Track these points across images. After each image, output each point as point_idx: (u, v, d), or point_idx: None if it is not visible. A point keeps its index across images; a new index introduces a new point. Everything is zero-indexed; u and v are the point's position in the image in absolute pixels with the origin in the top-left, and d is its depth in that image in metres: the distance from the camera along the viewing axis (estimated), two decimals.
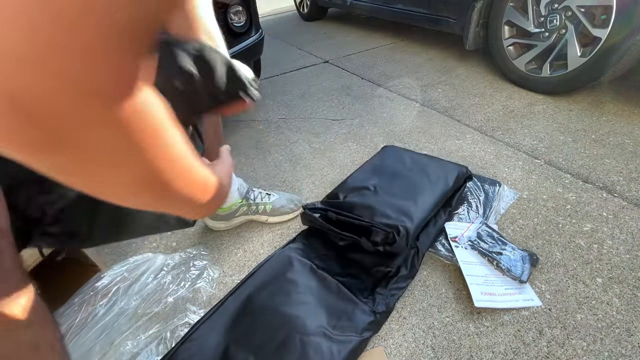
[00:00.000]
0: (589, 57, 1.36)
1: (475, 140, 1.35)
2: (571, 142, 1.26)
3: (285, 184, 1.24)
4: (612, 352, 0.66)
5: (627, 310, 0.73)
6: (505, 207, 1.01)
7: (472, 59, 2.11)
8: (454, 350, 0.70)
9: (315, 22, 3.68)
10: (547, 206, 1.00)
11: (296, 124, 1.62)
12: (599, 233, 0.90)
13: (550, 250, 0.87)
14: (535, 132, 1.35)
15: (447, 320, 0.75)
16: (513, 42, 1.67)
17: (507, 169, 1.17)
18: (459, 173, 0.99)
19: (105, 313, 0.80)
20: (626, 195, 1.00)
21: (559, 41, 1.47)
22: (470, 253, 0.86)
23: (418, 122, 1.52)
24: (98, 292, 0.84)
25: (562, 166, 1.15)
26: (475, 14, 1.73)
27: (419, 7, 2.15)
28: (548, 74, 1.54)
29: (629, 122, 1.33)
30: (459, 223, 0.95)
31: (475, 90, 1.74)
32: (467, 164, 1.19)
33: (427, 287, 0.83)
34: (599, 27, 1.32)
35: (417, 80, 1.93)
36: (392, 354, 0.71)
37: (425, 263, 0.88)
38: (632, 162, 1.12)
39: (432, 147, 1.33)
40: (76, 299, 0.84)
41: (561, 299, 0.76)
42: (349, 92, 1.90)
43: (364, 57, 2.38)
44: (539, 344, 0.69)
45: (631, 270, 0.80)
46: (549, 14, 1.48)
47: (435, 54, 2.28)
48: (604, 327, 0.71)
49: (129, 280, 0.86)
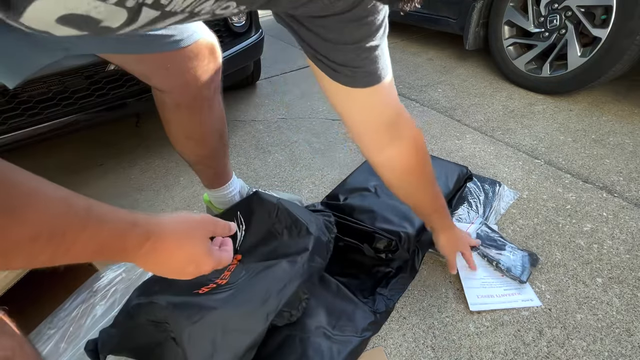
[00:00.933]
0: (589, 57, 1.36)
1: (475, 140, 1.35)
2: (571, 142, 1.26)
3: (285, 184, 1.24)
4: (612, 352, 0.66)
5: (627, 310, 0.73)
6: (505, 207, 1.00)
7: (472, 59, 2.11)
8: (454, 350, 0.70)
9: None
10: (547, 206, 1.00)
11: (296, 124, 1.62)
12: (599, 233, 0.90)
13: (550, 250, 0.87)
14: (535, 132, 1.35)
15: (447, 320, 0.75)
16: (513, 42, 1.67)
17: (507, 169, 1.17)
18: (459, 173, 0.99)
19: (104, 314, 0.80)
20: (626, 195, 1.00)
21: (559, 41, 1.47)
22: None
23: (418, 122, 1.52)
24: (96, 293, 0.84)
25: (562, 166, 1.15)
26: (475, 14, 1.73)
27: (419, 7, 2.15)
28: (548, 74, 1.53)
29: (629, 122, 1.33)
30: (459, 223, 0.95)
31: (475, 90, 1.74)
32: (467, 164, 1.19)
33: (427, 287, 0.83)
34: (599, 27, 1.32)
35: (417, 80, 1.93)
36: (392, 354, 0.71)
37: (425, 263, 0.88)
38: (632, 162, 1.12)
39: (432, 147, 1.33)
40: (74, 300, 0.83)
41: (561, 299, 0.76)
42: None
43: None
44: (539, 344, 0.69)
45: (631, 270, 0.80)
46: (549, 14, 1.48)
47: (435, 54, 2.28)
48: (604, 327, 0.70)
49: (127, 281, 0.86)
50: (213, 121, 0.80)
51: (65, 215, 0.27)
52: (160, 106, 0.76)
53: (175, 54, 0.64)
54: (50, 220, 0.26)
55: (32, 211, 0.25)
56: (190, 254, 0.39)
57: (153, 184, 1.33)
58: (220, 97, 0.81)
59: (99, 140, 1.67)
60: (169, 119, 0.78)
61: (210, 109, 0.78)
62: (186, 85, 0.70)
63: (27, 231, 0.25)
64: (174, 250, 0.37)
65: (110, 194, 1.30)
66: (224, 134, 0.87)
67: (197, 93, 0.72)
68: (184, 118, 0.77)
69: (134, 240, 0.33)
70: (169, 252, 0.37)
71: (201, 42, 0.67)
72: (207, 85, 0.73)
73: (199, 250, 0.40)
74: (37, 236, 0.26)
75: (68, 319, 0.79)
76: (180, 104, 0.74)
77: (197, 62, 0.68)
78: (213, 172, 0.93)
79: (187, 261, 0.40)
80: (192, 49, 0.66)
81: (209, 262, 0.41)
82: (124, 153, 1.54)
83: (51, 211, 0.26)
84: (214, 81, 0.75)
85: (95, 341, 0.67)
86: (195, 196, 1.22)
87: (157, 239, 0.35)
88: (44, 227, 0.26)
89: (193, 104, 0.74)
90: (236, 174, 0.99)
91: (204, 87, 0.72)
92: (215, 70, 0.74)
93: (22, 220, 0.25)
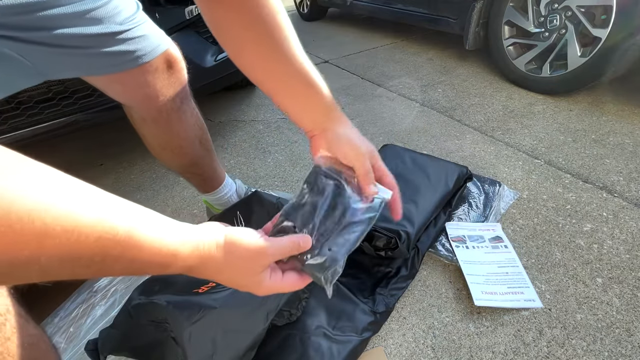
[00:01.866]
0: (589, 57, 1.36)
1: (475, 140, 1.35)
2: (571, 142, 1.26)
3: (285, 184, 1.24)
4: (612, 352, 0.66)
5: (627, 310, 0.73)
6: (505, 207, 1.00)
7: (472, 59, 2.11)
8: (454, 350, 0.70)
9: (315, 22, 3.68)
10: (547, 206, 1.00)
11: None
12: (599, 233, 0.90)
13: (550, 250, 0.87)
14: (535, 132, 1.35)
15: (447, 320, 0.75)
16: (513, 42, 1.67)
17: (507, 169, 1.17)
18: (460, 174, 0.99)
19: (104, 314, 0.80)
20: (626, 195, 1.00)
21: (559, 41, 1.47)
22: (472, 252, 0.86)
23: (418, 122, 1.52)
24: (96, 293, 0.84)
25: (562, 166, 1.15)
26: (475, 14, 1.73)
27: (419, 7, 2.15)
28: (548, 74, 1.53)
29: (629, 122, 1.33)
30: (460, 223, 0.95)
31: (475, 90, 1.74)
32: (467, 164, 1.19)
33: (427, 287, 0.83)
34: (599, 27, 1.32)
35: (417, 80, 1.93)
36: (392, 354, 0.71)
37: (425, 263, 0.88)
38: (632, 162, 1.12)
39: (432, 147, 1.33)
40: (74, 300, 0.83)
41: (561, 299, 0.76)
42: (349, 92, 1.90)
43: (364, 57, 2.38)
44: (539, 344, 0.69)
45: (631, 270, 0.80)
46: (549, 14, 1.48)
47: (435, 54, 2.28)
48: (604, 327, 0.70)
49: (127, 281, 0.86)
50: (187, 130, 0.77)
51: (102, 243, 0.25)
52: (130, 119, 0.74)
53: (132, 70, 0.61)
54: (84, 249, 0.24)
55: (65, 240, 0.22)
56: (239, 285, 0.36)
57: (153, 184, 1.33)
58: (192, 104, 0.78)
59: (99, 140, 1.67)
60: (140, 132, 0.76)
61: (179, 119, 0.74)
62: (147, 99, 0.67)
63: (58, 260, 0.23)
64: (218, 279, 0.35)
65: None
66: (205, 141, 0.84)
67: (160, 106, 0.69)
68: (153, 131, 0.74)
69: (174, 270, 0.31)
70: (213, 278, 0.35)
71: (159, 57, 0.64)
72: (170, 97, 0.70)
73: (247, 283, 0.36)
74: (75, 262, 0.24)
75: (68, 319, 0.79)
76: (145, 118, 0.71)
77: (155, 77, 0.65)
78: (201, 179, 0.91)
79: (236, 286, 0.37)
80: (151, 63, 0.63)
81: (262, 292, 0.37)
82: (124, 153, 1.54)
83: (85, 240, 0.23)
84: (179, 93, 0.72)
85: (95, 341, 0.67)
86: (195, 196, 1.22)
87: (200, 272, 0.33)
88: (84, 252, 0.24)
89: (158, 117, 0.71)
90: (236, 174, 1.00)
91: (167, 100, 0.69)
92: (179, 82, 0.71)
93: (52, 250, 0.22)
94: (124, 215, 0.27)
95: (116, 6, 0.55)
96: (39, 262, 0.22)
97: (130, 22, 0.58)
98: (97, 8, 0.52)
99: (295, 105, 0.47)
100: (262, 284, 0.36)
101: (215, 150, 0.91)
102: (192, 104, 0.78)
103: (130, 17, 0.58)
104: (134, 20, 0.59)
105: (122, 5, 0.56)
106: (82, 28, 0.52)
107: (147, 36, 0.61)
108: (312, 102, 0.46)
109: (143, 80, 0.64)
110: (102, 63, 0.58)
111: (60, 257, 0.23)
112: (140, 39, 0.60)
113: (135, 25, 0.59)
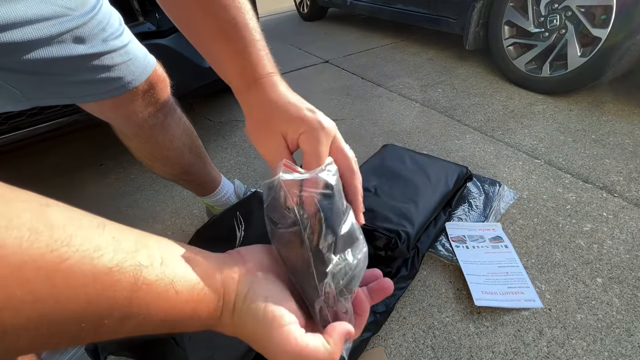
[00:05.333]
0: (589, 57, 1.36)
1: (475, 140, 1.35)
2: (571, 142, 1.26)
3: None
4: (612, 352, 0.66)
5: (627, 310, 0.73)
6: (505, 207, 1.01)
7: (472, 59, 2.11)
8: (454, 350, 0.70)
9: (315, 22, 3.68)
10: (547, 206, 1.00)
11: None
12: (599, 233, 0.90)
13: (550, 250, 0.87)
14: (535, 132, 1.35)
15: (447, 320, 0.75)
16: (513, 42, 1.67)
17: (507, 169, 1.17)
18: (460, 174, 0.99)
19: None
20: (626, 195, 1.00)
21: (559, 41, 1.47)
22: (472, 252, 0.86)
23: (418, 122, 1.52)
24: None
25: (562, 166, 1.15)
26: (475, 14, 1.73)
27: (419, 7, 2.15)
28: (548, 74, 1.54)
29: (629, 122, 1.33)
30: (460, 223, 0.95)
31: (475, 90, 1.74)
32: (467, 164, 1.19)
33: (427, 287, 0.83)
34: (599, 27, 1.32)
35: (417, 80, 1.93)
36: (392, 354, 0.71)
37: (425, 263, 0.88)
38: (632, 162, 1.12)
39: (432, 147, 1.33)
40: None
41: (561, 299, 0.76)
42: (349, 92, 1.90)
43: (364, 57, 2.38)
44: (539, 344, 0.69)
45: (631, 270, 0.80)
46: (549, 14, 1.48)
47: (435, 54, 2.28)
48: (604, 327, 0.70)
49: None
50: (173, 141, 0.74)
51: (103, 304, 0.20)
52: (115, 132, 0.72)
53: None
54: (82, 310, 0.19)
55: (64, 298, 0.18)
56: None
57: (153, 184, 1.33)
58: (178, 114, 0.75)
59: (98, 140, 1.67)
60: (125, 145, 0.74)
61: (164, 132, 0.71)
62: (126, 118, 0.64)
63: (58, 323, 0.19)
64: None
65: (110, 194, 1.30)
66: (195, 147, 0.81)
67: (141, 123, 0.66)
68: (137, 145, 0.72)
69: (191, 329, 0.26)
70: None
71: (144, 81, 0.61)
72: (151, 114, 0.66)
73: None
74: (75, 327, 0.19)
75: None
76: (127, 133, 0.69)
77: (134, 99, 0.61)
78: (196, 185, 0.90)
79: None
80: (136, 88, 0.60)
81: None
82: (124, 153, 1.53)
83: (84, 299, 0.19)
84: (161, 109, 0.68)
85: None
86: (195, 196, 1.22)
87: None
88: (86, 315, 0.19)
89: (140, 132, 0.68)
90: (236, 174, 0.99)
91: (148, 117, 0.66)
92: (161, 100, 0.67)
93: (50, 310, 0.18)
94: (127, 271, 0.22)
95: (100, 22, 0.51)
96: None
97: (116, 39, 0.54)
98: (81, 26, 0.49)
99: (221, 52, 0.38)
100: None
101: (215, 151, 0.91)
102: (178, 114, 0.75)
103: (115, 34, 0.54)
104: (120, 38, 0.55)
105: (105, 20, 0.52)
106: (64, 49, 0.48)
107: (133, 60, 0.58)
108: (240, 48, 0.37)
109: (120, 103, 0.60)
110: (89, 91, 0.55)
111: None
112: (126, 64, 0.57)
113: (122, 46, 0.55)
